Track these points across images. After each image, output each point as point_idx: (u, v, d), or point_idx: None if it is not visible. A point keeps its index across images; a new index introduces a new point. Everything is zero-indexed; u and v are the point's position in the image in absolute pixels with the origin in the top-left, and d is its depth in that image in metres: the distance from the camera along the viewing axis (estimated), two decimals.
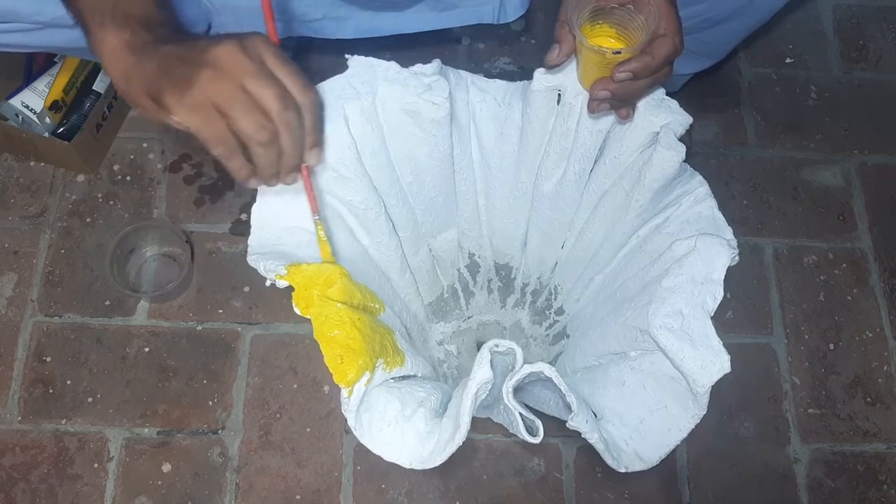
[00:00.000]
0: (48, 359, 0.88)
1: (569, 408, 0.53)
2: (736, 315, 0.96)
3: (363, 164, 0.63)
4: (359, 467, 0.86)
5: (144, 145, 1.00)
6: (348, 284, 0.56)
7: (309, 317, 0.53)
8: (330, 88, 0.61)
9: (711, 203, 0.64)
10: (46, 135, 0.92)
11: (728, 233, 0.62)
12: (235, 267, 0.94)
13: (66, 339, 0.89)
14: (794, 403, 0.92)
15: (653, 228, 0.67)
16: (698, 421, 0.58)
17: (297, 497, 0.84)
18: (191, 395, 0.88)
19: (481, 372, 0.51)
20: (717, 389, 0.91)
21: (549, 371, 0.52)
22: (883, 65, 1.14)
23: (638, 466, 0.58)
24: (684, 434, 0.59)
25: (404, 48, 1.07)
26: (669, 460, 0.88)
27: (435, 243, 0.78)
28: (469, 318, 0.85)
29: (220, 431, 0.86)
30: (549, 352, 0.85)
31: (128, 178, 0.98)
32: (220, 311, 0.92)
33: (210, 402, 0.87)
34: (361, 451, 0.86)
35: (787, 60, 1.12)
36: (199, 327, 0.91)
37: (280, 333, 0.91)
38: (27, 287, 0.91)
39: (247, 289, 0.93)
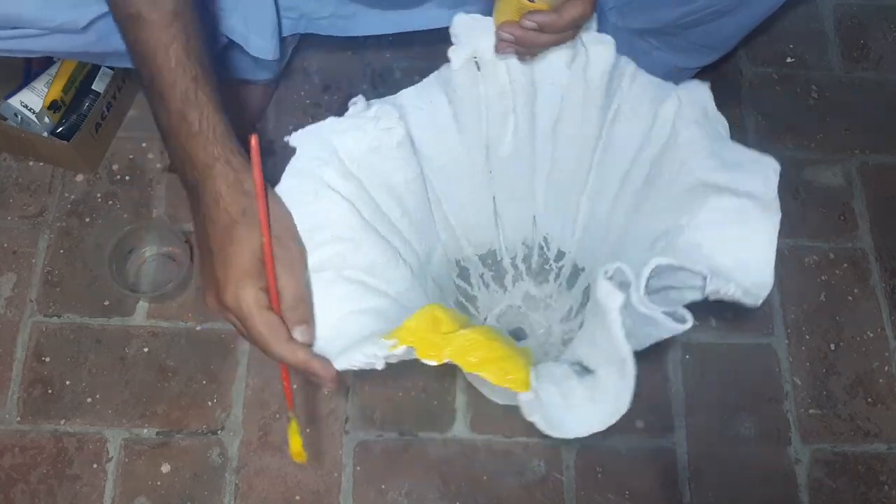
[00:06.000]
0: (47, 359, 0.88)
1: (703, 277, 0.54)
2: (736, 315, 0.96)
3: (366, 219, 0.62)
4: (358, 468, 0.85)
5: (143, 145, 0.99)
6: (449, 312, 0.56)
7: (448, 360, 0.52)
8: (300, 171, 0.59)
9: (644, 73, 0.67)
10: (45, 134, 0.92)
11: (671, 85, 0.65)
12: None
13: (65, 340, 0.89)
14: (795, 404, 0.92)
15: (611, 121, 0.69)
16: (779, 226, 0.60)
17: (297, 498, 0.84)
18: (190, 395, 0.88)
19: (613, 299, 0.51)
20: (718, 389, 0.91)
21: (664, 260, 0.52)
22: (884, 64, 1.13)
23: (765, 294, 0.58)
24: (774, 241, 0.60)
25: (404, 47, 1.07)
26: (670, 461, 0.88)
27: (431, 269, 0.78)
28: (485, 320, 0.85)
29: (219, 432, 0.86)
30: (573, 295, 0.85)
31: (127, 177, 0.98)
32: None
33: (209, 403, 0.87)
34: (361, 452, 0.86)
35: (788, 60, 1.12)
36: (199, 327, 0.91)
37: None
38: (26, 287, 0.91)
39: None
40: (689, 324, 0.53)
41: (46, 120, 0.92)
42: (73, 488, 0.83)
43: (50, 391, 0.87)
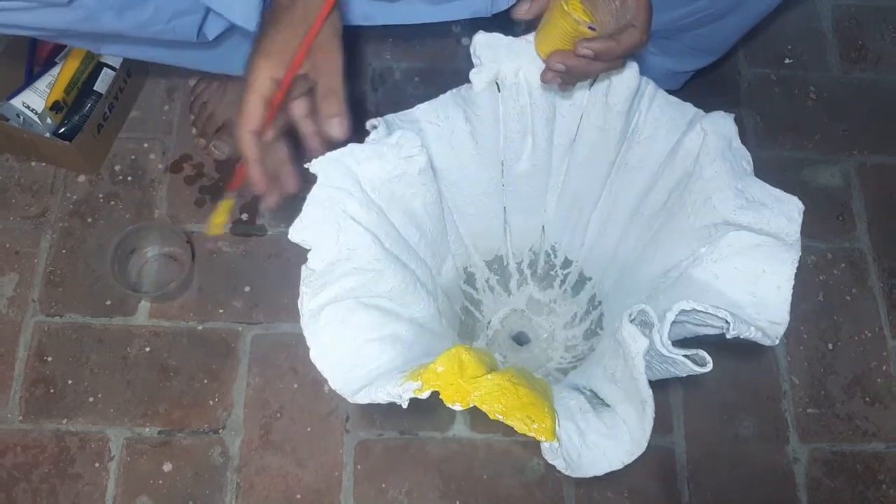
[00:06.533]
0: (49, 359, 0.88)
1: (726, 322, 0.55)
2: None
3: (387, 249, 0.62)
4: (359, 467, 0.86)
5: (145, 145, 1.00)
6: (478, 355, 0.55)
7: (473, 405, 0.52)
8: (322, 203, 0.59)
9: (663, 93, 0.68)
10: (47, 135, 0.92)
11: (690, 107, 0.67)
12: (236, 267, 0.94)
13: (67, 339, 0.89)
14: (794, 403, 0.93)
15: (629, 142, 0.69)
16: (797, 263, 0.60)
17: (298, 496, 0.84)
18: (191, 394, 0.88)
19: (638, 343, 0.52)
20: (717, 389, 0.92)
21: (688, 304, 0.54)
22: (882, 65, 1.14)
23: (781, 331, 0.60)
24: (791, 279, 0.60)
25: (404, 47, 1.08)
26: (669, 460, 0.88)
27: (441, 280, 0.79)
28: (489, 323, 0.86)
29: (220, 431, 0.87)
30: (578, 302, 0.85)
31: (129, 178, 0.98)
32: (221, 311, 0.92)
33: (211, 402, 0.88)
34: (362, 451, 0.87)
35: (787, 61, 1.13)
36: (200, 327, 0.91)
37: (280, 333, 0.91)
38: (28, 287, 0.92)
39: (247, 289, 0.93)
40: (709, 367, 0.54)
41: (49, 120, 0.92)
42: (75, 487, 0.83)
43: (52, 390, 0.87)
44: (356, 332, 0.58)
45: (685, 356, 0.54)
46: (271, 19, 0.55)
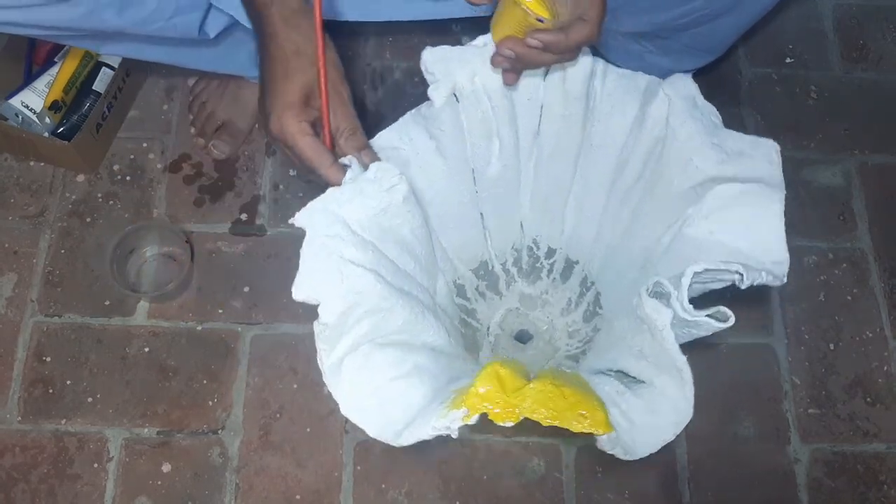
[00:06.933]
0: (48, 359, 0.88)
1: (738, 273, 0.56)
2: (736, 315, 0.95)
3: (390, 284, 0.62)
4: (359, 467, 0.86)
5: (144, 145, 1.00)
6: (512, 366, 0.55)
7: (524, 417, 0.52)
8: (317, 254, 0.58)
9: (614, 68, 0.69)
10: (46, 135, 0.92)
11: (642, 75, 0.68)
12: (235, 267, 0.94)
13: (65, 340, 0.89)
14: (795, 403, 0.92)
15: (591, 122, 0.70)
16: (784, 202, 0.62)
17: (297, 497, 0.84)
18: (191, 395, 0.88)
19: (663, 316, 0.53)
20: (718, 389, 0.91)
21: (700, 266, 0.55)
22: (884, 65, 1.13)
23: (785, 269, 0.62)
24: (782, 218, 0.62)
25: (404, 47, 1.07)
26: (670, 460, 0.88)
27: (438, 300, 0.79)
28: (487, 329, 0.86)
29: (219, 432, 0.86)
30: (569, 287, 0.85)
31: (128, 178, 0.98)
32: (220, 311, 0.92)
33: (210, 403, 0.87)
34: (361, 452, 0.86)
35: (788, 60, 1.12)
36: (199, 327, 0.91)
37: (280, 334, 0.91)
38: (27, 287, 0.91)
39: (247, 289, 0.93)
40: (732, 321, 0.54)
41: (47, 120, 0.92)
42: (74, 488, 0.83)
43: (51, 391, 0.87)
44: (377, 374, 0.58)
45: (707, 316, 0.54)
46: (275, 74, 0.58)
